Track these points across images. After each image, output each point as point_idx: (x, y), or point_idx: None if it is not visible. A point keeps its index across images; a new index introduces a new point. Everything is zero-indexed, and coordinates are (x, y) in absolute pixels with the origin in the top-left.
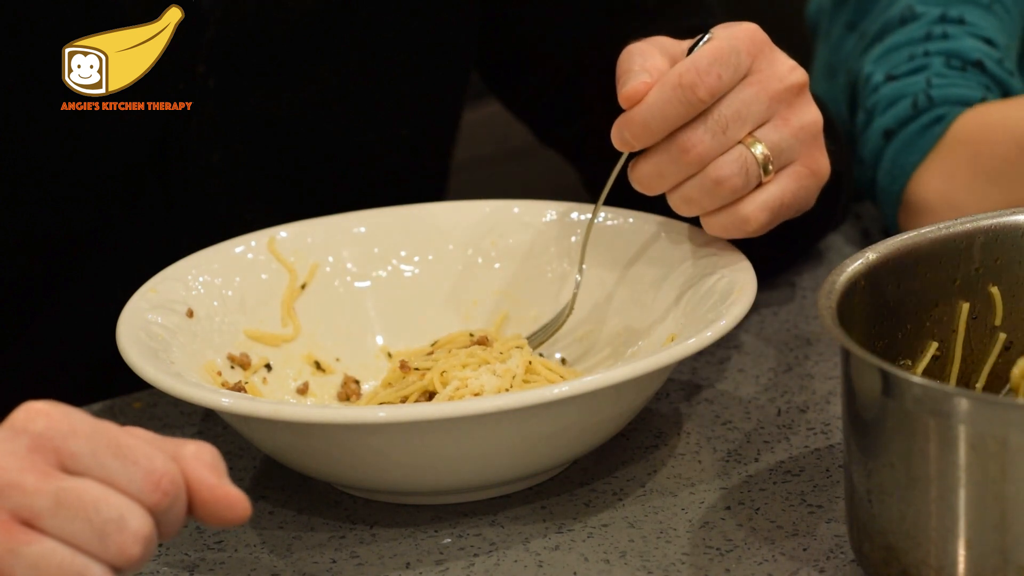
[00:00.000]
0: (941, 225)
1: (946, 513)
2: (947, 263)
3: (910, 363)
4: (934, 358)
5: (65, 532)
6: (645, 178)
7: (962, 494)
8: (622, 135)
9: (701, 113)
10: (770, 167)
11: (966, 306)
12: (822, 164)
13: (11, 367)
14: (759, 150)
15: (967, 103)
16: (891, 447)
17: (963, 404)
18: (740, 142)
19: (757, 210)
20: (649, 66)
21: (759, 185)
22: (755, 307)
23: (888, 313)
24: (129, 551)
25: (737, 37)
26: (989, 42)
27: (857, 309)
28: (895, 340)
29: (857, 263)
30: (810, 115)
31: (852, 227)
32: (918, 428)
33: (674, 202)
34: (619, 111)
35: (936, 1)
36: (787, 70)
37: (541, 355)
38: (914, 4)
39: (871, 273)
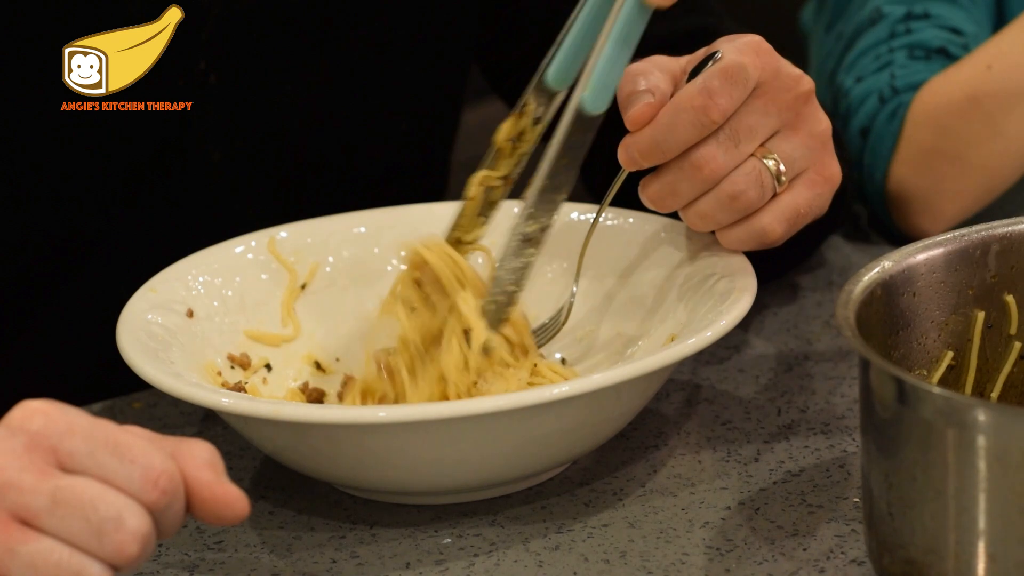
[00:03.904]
0: (956, 233)
1: (967, 526)
2: (962, 271)
3: (925, 373)
4: (949, 367)
5: (63, 531)
6: (658, 197)
7: (983, 506)
8: (631, 155)
9: None
10: (783, 177)
11: (981, 315)
12: (834, 170)
13: (11, 367)
14: (772, 162)
15: None
16: (910, 458)
17: (983, 415)
18: (752, 155)
19: (774, 221)
20: (652, 86)
21: (774, 196)
22: (755, 307)
23: (903, 322)
24: (127, 549)
25: (744, 52)
26: (955, 31)
27: (874, 319)
28: (911, 349)
29: (873, 272)
30: (819, 122)
31: (851, 227)
32: (937, 439)
33: (689, 218)
34: (617, 112)
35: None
36: (793, 79)
37: (541, 355)
38: (881, 5)
39: (887, 282)
